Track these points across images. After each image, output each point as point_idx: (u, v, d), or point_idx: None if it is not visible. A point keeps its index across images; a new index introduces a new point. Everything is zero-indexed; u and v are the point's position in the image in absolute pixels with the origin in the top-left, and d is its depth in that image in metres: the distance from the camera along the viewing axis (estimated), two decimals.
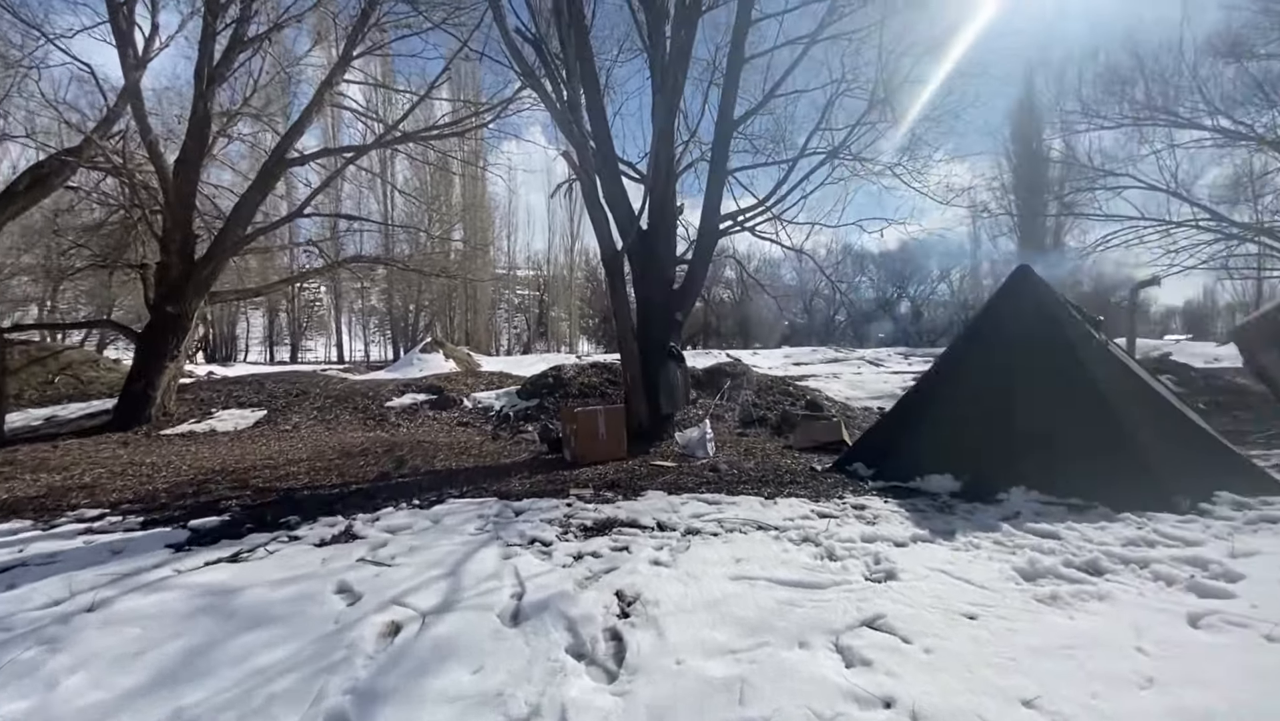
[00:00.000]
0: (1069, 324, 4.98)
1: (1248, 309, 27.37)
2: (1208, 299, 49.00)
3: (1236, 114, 11.04)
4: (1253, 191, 11.70)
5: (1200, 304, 50.15)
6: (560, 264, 37.65)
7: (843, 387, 12.77)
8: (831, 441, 7.35)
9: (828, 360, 21.51)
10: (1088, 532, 3.47)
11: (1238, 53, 10.94)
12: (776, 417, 9.69)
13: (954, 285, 47.36)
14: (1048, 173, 27.99)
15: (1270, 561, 2.88)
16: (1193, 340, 24.41)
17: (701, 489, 5.02)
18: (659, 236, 7.82)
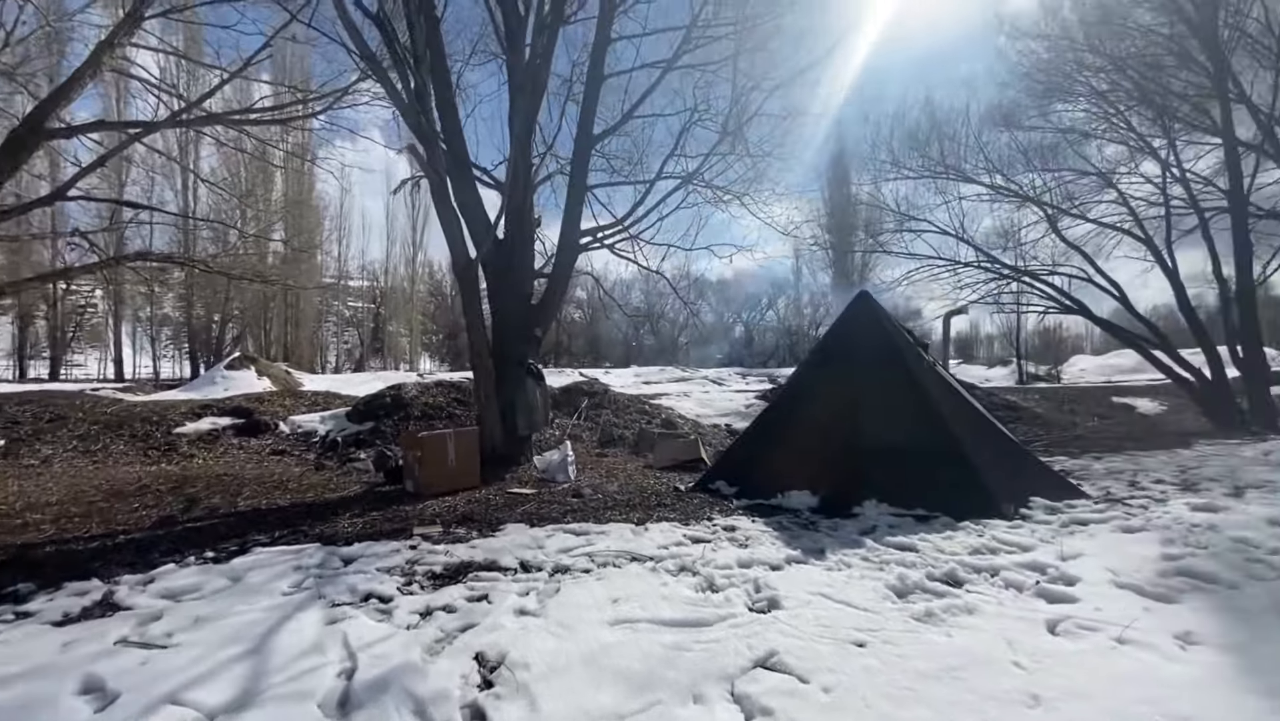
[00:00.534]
0: (905, 346, 5.39)
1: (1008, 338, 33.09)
2: (973, 329, 58.47)
3: (1008, 172, 13.23)
4: (1017, 239, 14.06)
5: (967, 333, 59.75)
6: (400, 275, 35.01)
7: (693, 405, 13.08)
8: (690, 459, 7.33)
9: (675, 379, 22.18)
10: (938, 543, 3.63)
11: (1009, 123, 13.17)
12: (634, 436, 9.56)
13: (780, 312, 51.87)
14: (857, 215, 31.64)
15: (1094, 563, 3.18)
16: (963, 364, 28.79)
17: (567, 518, 4.61)
18: (516, 247, 7.34)
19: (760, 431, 5.73)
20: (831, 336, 5.73)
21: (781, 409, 5.69)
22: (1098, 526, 3.82)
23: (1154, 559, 3.21)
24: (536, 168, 8.67)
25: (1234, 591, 2.78)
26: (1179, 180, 11.88)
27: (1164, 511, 4.07)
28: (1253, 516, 3.80)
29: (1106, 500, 4.53)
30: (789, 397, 5.71)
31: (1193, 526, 3.67)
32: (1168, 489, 4.90)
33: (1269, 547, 3.23)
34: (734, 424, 12.09)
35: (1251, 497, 4.37)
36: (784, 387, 5.90)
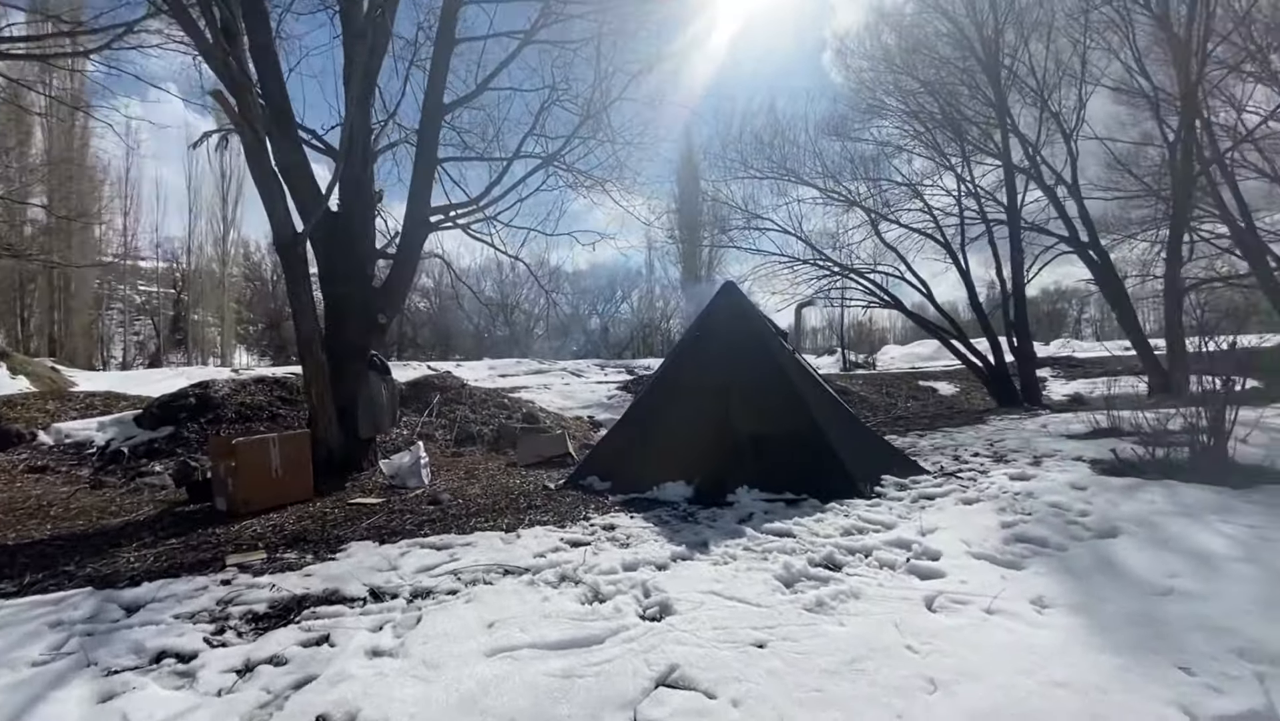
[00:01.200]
0: (767, 334, 5.52)
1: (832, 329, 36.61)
2: (800, 319, 64.31)
3: (839, 178, 14.46)
4: (845, 240, 15.48)
5: (790, 325, 65.72)
6: (208, 255, 30.22)
7: (555, 398, 12.69)
8: (557, 454, 6.98)
9: (532, 371, 21.57)
10: (812, 526, 3.69)
11: (839, 133, 14.40)
12: (493, 433, 8.98)
13: (634, 305, 53.01)
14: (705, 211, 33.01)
15: (949, 536, 3.39)
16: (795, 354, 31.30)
17: (424, 529, 4.05)
18: (355, 222, 6.43)
19: (632, 423, 5.55)
20: (699, 327, 5.70)
21: (652, 400, 5.56)
22: (942, 500, 4.14)
23: (995, 528, 3.51)
24: (377, 135, 7.72)
25: (1064, 554, 3.09)
26: (972, 194, 13.78)
27: (989, 482, 4.53)
28: (1057, 482, 4.34)
29: (942, 474, 4.97)
30: (659, 389, 5.59)
31: (1015, 495, 4.11)
32: (984, 461, 5.52)
33: (1077, 510, 3.68)
34: (597, 415, 11.93)
35: (1049, 465, 5.04)
36: (653, 379, 5.77)
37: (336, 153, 6.59)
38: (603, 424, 11.74)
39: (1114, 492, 3.99)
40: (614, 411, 12.21)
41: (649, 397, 5.62)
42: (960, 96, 13.56)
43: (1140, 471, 4.46)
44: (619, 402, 12.51)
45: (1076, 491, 4.09)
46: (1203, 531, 3.21)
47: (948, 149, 13.88)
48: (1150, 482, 4.16)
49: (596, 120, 9.30)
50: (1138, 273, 15.94)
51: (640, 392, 5.93)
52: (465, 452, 8.03)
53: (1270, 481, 4.06)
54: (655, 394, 5.59)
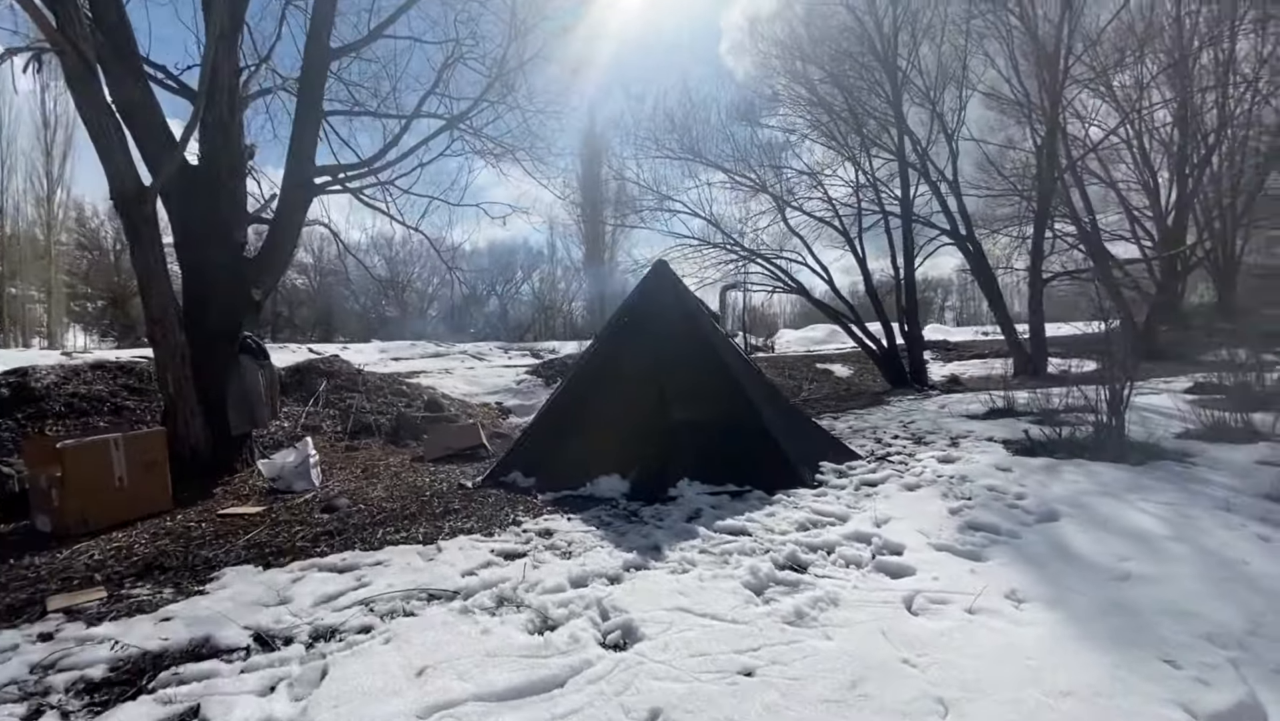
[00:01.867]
0: (702, 316, 5.25)
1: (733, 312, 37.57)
2: (722, 304, 65.57)
3: (750, 162, 14.56)
4: (751, 224, 15.68)
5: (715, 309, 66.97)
6: (30, 218, 25.56)
7: (458, 383, 11.85)
8: (469, 446, 6.36)
9: (429, 355, 20.28)
10: (766, 523, 3.46)
11: (749, 119, 14.45)
12: (391, 423, 8.13)
13: (535, 286, 51.67)
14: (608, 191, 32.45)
15: (904, 526, 3.28)
16: None
17: (320, 545, 3.39)
18: (219, 176, 5.40)
19: (557, 412, 5.08)
20: (630, 307, 5.31)
21: (580, 387, 5.12)
22: (885, 486, 4.08)
23: (945, 515, 3.46)
24: (248, 79, 6.57)
25: (1018, 541, 3.07)
26: (870, 185, 14.37)
27: (921, 466, 4.56)
28: (982, 464, 4.44)
29: (874, 459, 4.97)
30: (587, 374, 5.16)
31: (951, 479, 4.13)
32: (906, 443, 5.62)
33: (1014, 493, 3.73)
34: (506, 401, 11.27)
35: (967, 446, 5.19)
36: (579, 363, 5.33)
37: (195, 95, 5.49)
38: (512, 410, 11.11)
39: (1038, 474, 4.11)
40: (524, 397, 11.60)
41: (576, 384, 5.18)
42: (860, 91, 14.02)
43: (1051, 451, 4.66)
44: (529, 388, 11.91)
45: (1003, 473, 4.17)
46: (1129, 510, 3.33)
47: (848, 140, 14.34)
48: (1063, 462, 4.34)
49: (507, 82, 8.59)
50: (1005, 265, 17.51)
51: (565, 378, 5.47)
52: (360, 446, 7.17)
53: (1160, 457, 4.36)
54: (583, 380, 5.16)
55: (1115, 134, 16.03)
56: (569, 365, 13.07)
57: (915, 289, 14.45)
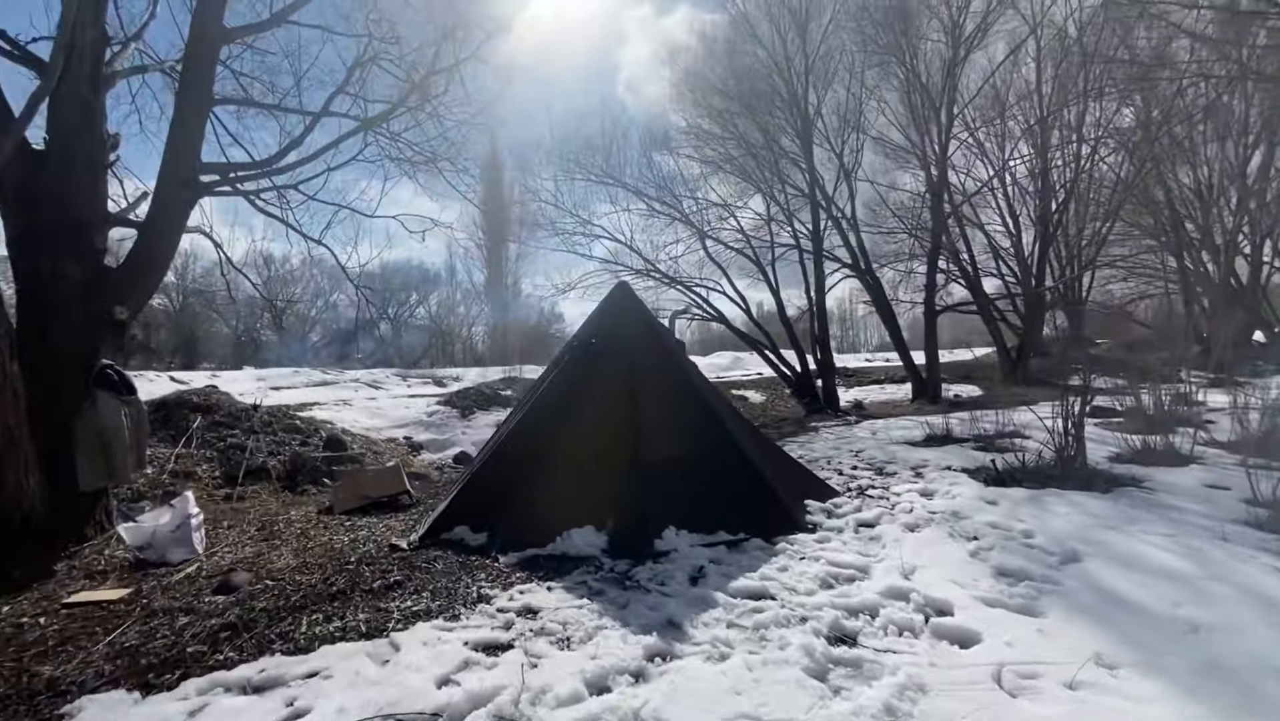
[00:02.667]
0: (674, 345, 4.82)
1: None
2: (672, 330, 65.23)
3: (673, 190, 14.55)
4: (669, 252, 15.65)
5: None
6: None
7: (359, 416, 10.57)
8: (391, 494, 5.44)
9: (317, 384, 18.32)
10: (783, 580, 3.02)
11: (670, 148, 14.49)
12: (285, 466, 6.94)
13: (432, 310, 49.21)
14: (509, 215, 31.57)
15: (935, 575, 2.98)
16: None
17: (221, 649, 2.50)
18: (74, 166, 4.27)
19: (514, 452, 4.38)
20: (593, 332, 4.76)
21: (538, 420, 4.46)
22: (883, 527, 3.80)
23: (965, 559, 3.21)
24: (112, 57, 5.41)
25: (1059, 587, 2.85)
26: (785, 218, 14.83)
27: (905, 501, 4.35)
28: (965, 497, 4.31)
29: (853, 494, 4.72)
30: (547, 407, 4.51)
31: (946, 516, 3.94)
32: (870, 474, 5.46)
33: (1019, 531, 3.57)
34: (416, 436, 10.16)
35: (933, 477, 5.09)
36: (537, 394, 4.67)
37: (44, 66, 4.35)
38: (424, 445, 10.05)
39: (1026, 506, 4.02)
40: (437, 431, 10.55)
41: (533, 419, 4.51)
42: (772, 129, 14.51)
43: (1019, 481, 4.65)
44: (442, 420, 10.86)
45: (991, 506, 4.06)
46: (1140, 545, 3.26)
47: (762, 173, 14.73)
48: (1040, 492, 4.31)
49: (426, 89, 7.85)
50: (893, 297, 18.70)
51: (518, 412, 4.78)
52: (249, 495, 5.99)
53: (1118, 484, 4.46)
54: (541, 414, 4.50)
55: (989, 185, 17.83)
56: (491, 394, 12.14)
57: (827, 318, 15.01)
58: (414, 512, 5.07)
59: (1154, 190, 16.05)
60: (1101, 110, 16.04)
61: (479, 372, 28.47)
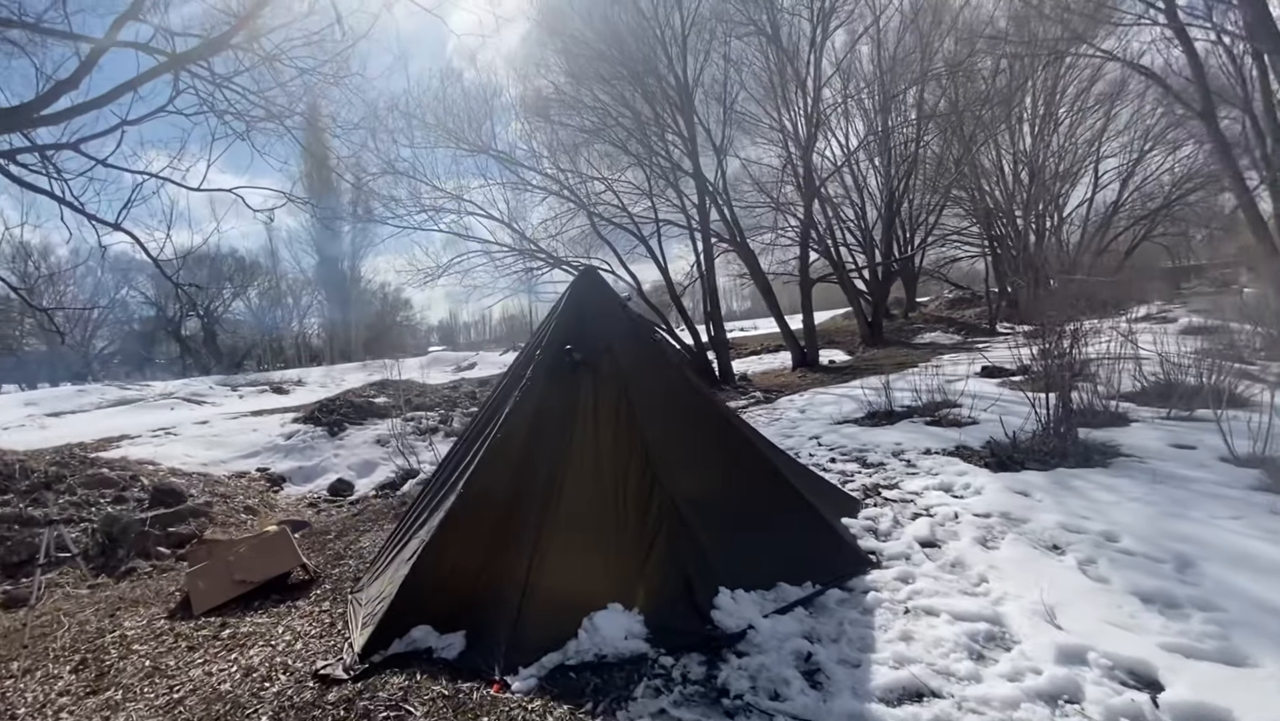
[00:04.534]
0: (665, 342, 3.84)
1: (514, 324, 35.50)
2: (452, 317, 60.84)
3: (555, 163, 13.19)
4: (545, 229, 14.35)
5: (447, 321, 61.66)
6: None
7: (192, 448, 8.22)
8: (277, 575, 3.89)
9: (114, 404, 14.61)
10: (917, 653, 2.27)
11: (546, 115, 13.07)
12: (97, 538, 4.95)
13: (253, 303, 42.64)
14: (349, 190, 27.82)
15: (1084, 619, 2.38)
16: (482, 353, 29.46)
17: None
18: None
19: (478, 509, 3.14)
20: (564, 337, 3.60)
21: (508, 461, 3.25)
22: (951, 547, 3.21)
23: (1089, 585, 2.67)
24: None
25: (1226, 615, 2.39)
26: (664, 189, 14.19)
27: (937, 504, 3.83)
28: (991, 490, 3.90)
29: (876, 498, 4.13)
30: (517, 443, 3.30)
31: (999, 519, 3.47)
32: (858, 468, 4.93)
33: (1097, 532, 3.15)
34: (275, 466, 8.13)
35: (926, 466, 4.68)
36: (498, 426, 3.42)
37: None
38: (288, 478, 8.07)
39: (1068, 496, 3.69)
40: (301, 456, 8.55)
41: (496, 460, 3.27)
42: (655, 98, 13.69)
43: (1021, 463, 4.40)
44: (307, 442, 8.84)
45: (1030, 500, 3.70)
46: (1229, 535, 2.98)
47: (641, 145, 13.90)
48: (1059, 475, 4.05)
49: (256, 24, 5.93)
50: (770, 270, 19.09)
51: (480, 443, 3.49)
52: (46, 597, 4.06)
53: (1108, 455, 4.37)
54: (507, 453, 3.28)
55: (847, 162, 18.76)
56: (363, 404, 10.14)
57: (717, 293, 14.77)
58: (320, 598, 3.64)
59: (964, 167, 17.74)
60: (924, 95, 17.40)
61: (323, 373, 24.94)
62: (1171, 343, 6.34)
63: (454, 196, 13.05)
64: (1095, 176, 21.16)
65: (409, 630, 2.83)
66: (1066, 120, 18.88)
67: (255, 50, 6.10)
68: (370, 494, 7.77)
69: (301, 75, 6.53)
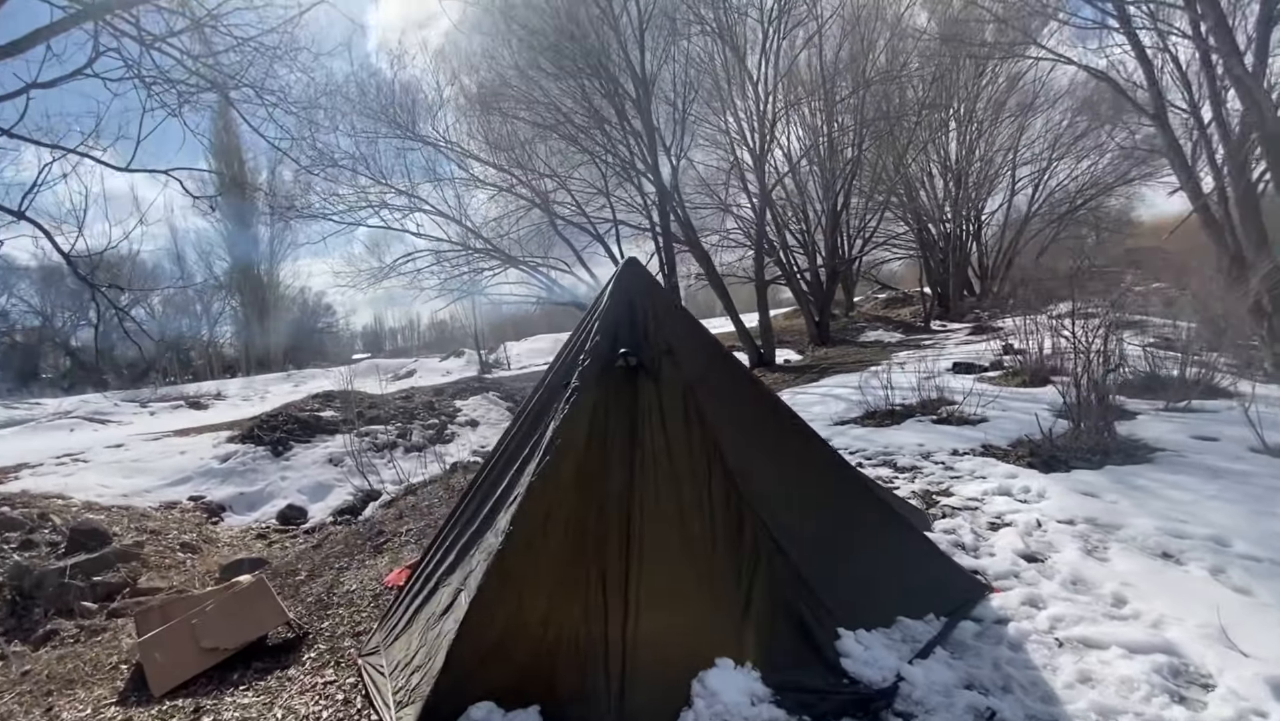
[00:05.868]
0: (717, 341, 3.35)
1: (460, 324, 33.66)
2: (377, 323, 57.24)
3: (513, 159, 12.39)
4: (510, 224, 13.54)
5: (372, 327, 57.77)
6: None
7: (108, 477, 7.01)
8: (249, 640, 3.12)
9: (1, 425, 12.59)
10: (1116, 704, 1.94)
11: (500, 109, 12.26)
12: (4, 595, 3.94)
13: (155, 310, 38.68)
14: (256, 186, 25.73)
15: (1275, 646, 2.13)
16: (420, 359, 27.92)
17: None
18: None
19: (538, 556, 2.55)
20: (616, 338, 3.04)
21: (570, 488, 2.66)
22: (1059, 559, 2.91)
23: (1254, 606, 2.43)
24: None
25: None
26: (639, 191, 13.73)
27: (1009, 512, 3.51)
28: (1055, 493, 3.67)
29: (936, 508, 3.83)
30: (575, 464, 2.70)
31: (1092, 527, 3.21)
32: (893, 473, 4.67)
33: (1205, 537, 2.93)
34: (211, 493, 7.07)
35: (966, 468, 4.44)
36: (553, 449, 2.79)
37: None
38: (227, 506, 7.03)
39: (1136, 495, 3.52)
40: (242, 480, 7.49)
41: (557, 478, 2.69)
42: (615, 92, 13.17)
43: (1065, 462, 4.23)
44: (248, 464, 7.77)
45: (1100, 502, 3.50)
46: None
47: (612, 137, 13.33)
48: (1116, 472, 3.90)
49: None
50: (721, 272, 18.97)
51: (513, 476, 2.87)
52: None
53: (1147, 450, 4.27)
54: (567, 480, 2.68)
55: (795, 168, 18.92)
56: (309, 418, 9.06)
57: (678, 292, 14.43)
58: (318, 664, 2.93)
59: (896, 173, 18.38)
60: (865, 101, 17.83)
61: (242, 384, 22.84)
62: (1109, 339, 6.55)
63: (401, 192, 12.05)
64: (1013, 182, 22.45)
65: (466, 708, 2.23)
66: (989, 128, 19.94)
67: (187, 11, 5.18)
68: (328, 520, 6.89)
69: (240, 46, 5.61)
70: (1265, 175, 7.01)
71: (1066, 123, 20.23)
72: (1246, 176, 7.22)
